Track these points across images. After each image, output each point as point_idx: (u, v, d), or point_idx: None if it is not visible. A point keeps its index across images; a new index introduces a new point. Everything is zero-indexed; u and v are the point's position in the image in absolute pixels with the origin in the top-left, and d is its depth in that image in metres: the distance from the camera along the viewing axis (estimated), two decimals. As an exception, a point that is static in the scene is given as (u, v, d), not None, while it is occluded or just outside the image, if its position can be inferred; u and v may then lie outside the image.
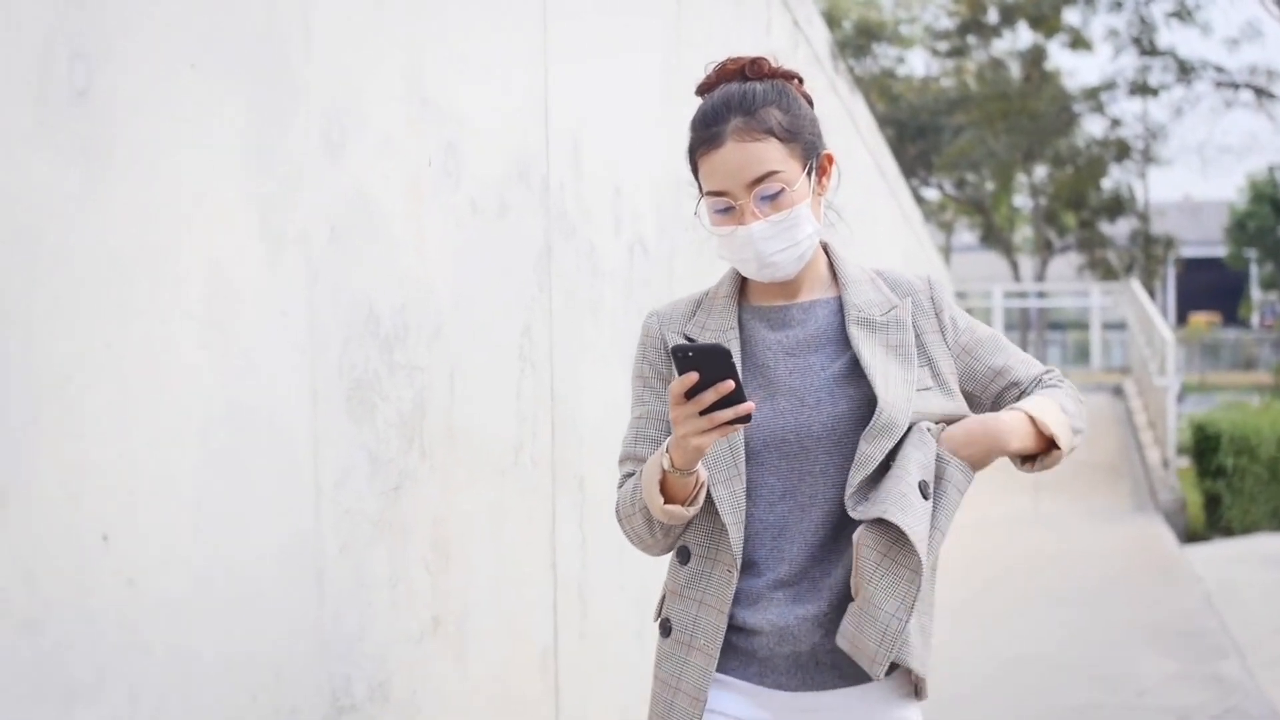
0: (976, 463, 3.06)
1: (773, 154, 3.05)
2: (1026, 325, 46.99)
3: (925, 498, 2.97)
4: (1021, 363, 3.28)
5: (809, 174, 3.11)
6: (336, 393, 3.12)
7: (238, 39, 2.76)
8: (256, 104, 2.82)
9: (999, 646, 10.50)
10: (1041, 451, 3.13)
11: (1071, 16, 44.85)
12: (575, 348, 4.56)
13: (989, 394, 3.25)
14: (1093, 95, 45.72)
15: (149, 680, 2.49)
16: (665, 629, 3.17)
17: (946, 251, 49.69)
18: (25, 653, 2.20)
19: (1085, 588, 13.25)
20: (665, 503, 2.99)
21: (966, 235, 59.72)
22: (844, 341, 3.14)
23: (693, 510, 3.01)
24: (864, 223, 14.07)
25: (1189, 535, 18.66)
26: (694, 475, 2.96)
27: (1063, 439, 3.10)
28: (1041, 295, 45.43)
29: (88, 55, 2.33)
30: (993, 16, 46.92)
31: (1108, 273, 46.65)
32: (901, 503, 2.92)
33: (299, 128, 2.97)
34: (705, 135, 3.09)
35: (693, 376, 2.76)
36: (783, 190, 3.04)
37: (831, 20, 46.02)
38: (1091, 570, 14.28)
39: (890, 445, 3.00)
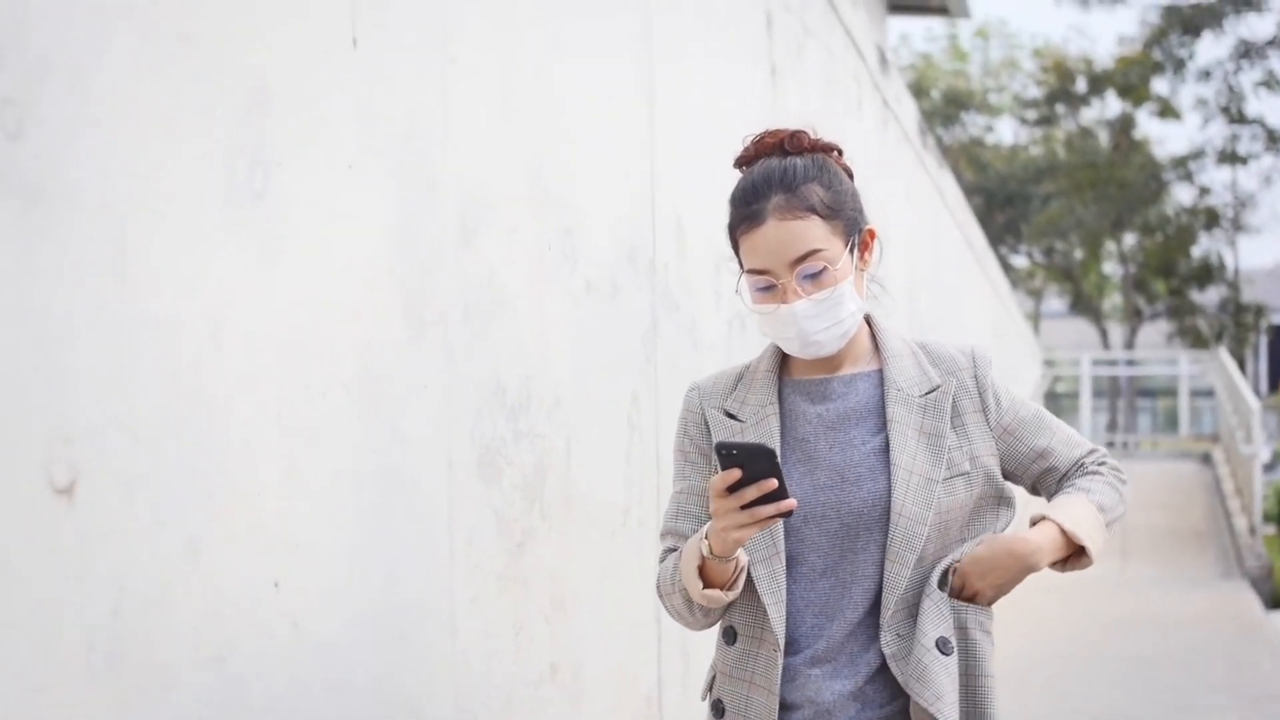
0: (1004, 587, 3.04)
1: (815, 232, 2.98)
2: (1116, 393, 46.85)
3: (946, 653, 2.96)
4: (1064, 443, 3.22)
5: (851, 250, 3.04)
6: (469, 459, 3.44)
7: (386, 142, 3.10)
8: (402, 198, 3.16)
9: (1085, 705, 10.70)
10: (1073, 555, 3.10)
11: (1160, 86, 44.75)
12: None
13: (1029, 475, 3.20)
14: (1181, 164, 45.52)
15: (310, 712, 2.81)
16: (718, 710, 3.12)
17: (1035, 319, 49.65)
18: (213, 682, 2.52)
19: (1170, 651, 13.41)
20: (704, 587, 2.95)
21: (1055, 302, 59.49)
22: (885, 416, 3.08)
23: (732, 595, 2.96)
24: (953, 297, 14.33)
25: (1274, 601, 18.73)
26: (733, 561, 2.93)
27: (1095, 547, 3.07)
28: (1131, 363, 45.34)
29: (265, 162, 2.67)
30: (1081, 85, 46.90)
31: (1198, 340, 46.34)
32: (922, 674, 2.93)
33: (438, 218, 3.30)
34: (746, 213, 3.02)
35: (735, 473, 2.76)
36: (825, 269, 2.98)
37: (920, 90, 46.22)
38: (1177, 634, 14.42)
39: (914, 557, 2.97)
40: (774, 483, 2.76)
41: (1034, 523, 3.08)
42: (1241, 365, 42.60)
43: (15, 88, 2.08)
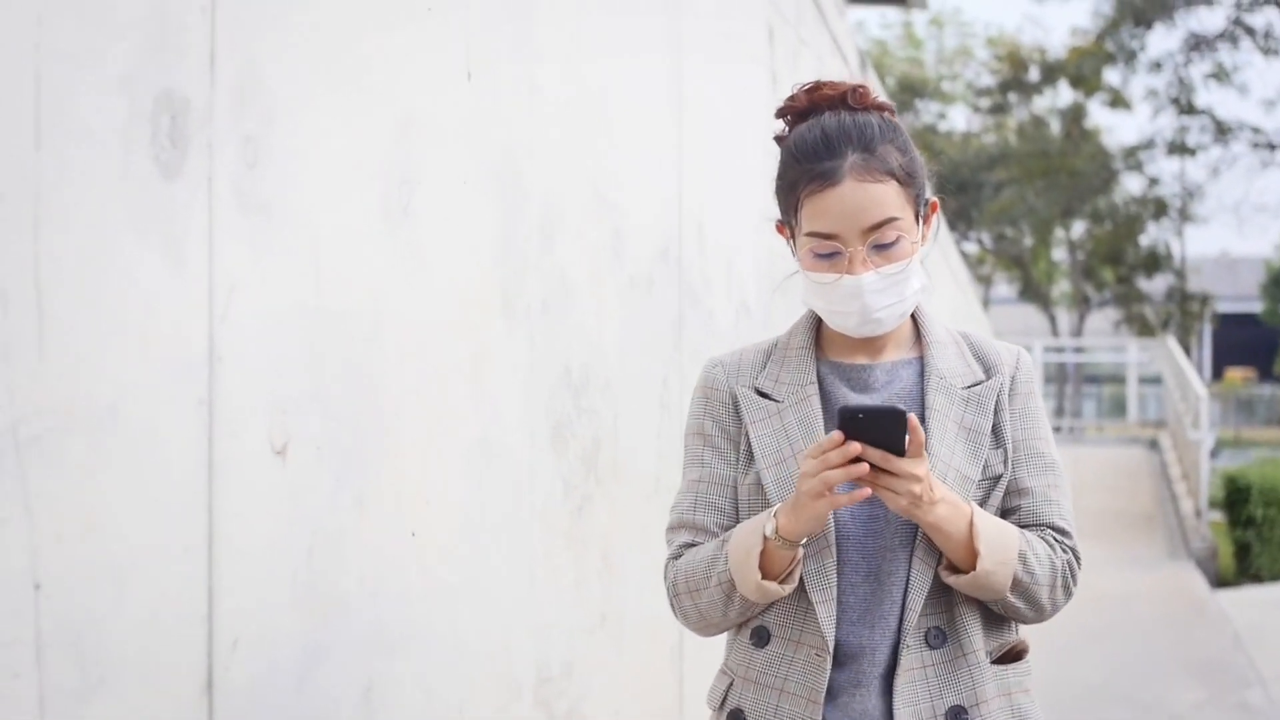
0: (909, 510, 2.66)
1: (892, 198, 2.73)
2: (1064, 379, 47.46)
3: (932, 647, 2.78)
4: (1045, 501, 2.85)
5: (918, 222, 2.82)
6: (544, 431, 3.97)
7: (490, 159, 3.62)
8: (501, 208, 3.68)
9: (1047, 677, 11.26)
10: (957, 568, 2.76)
11: (1111, 76, 45.28)
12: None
13: (995, 499, 2.85)
14: (1131, 154, 45.96)
15: (433, 643, 3.34)
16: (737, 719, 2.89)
17: (985, 304, 50.23)
18: (367, 614, 3.05)
19: (1123, 627, 14.04)
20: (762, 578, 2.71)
21: (1005, 288, 60.11)
22: (924, 405, 2.84)
23: (788, 588, 2.73)
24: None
25: (1220, 581, 19.34)
26: (796, 549, 2.71)
27: (983, 565, 2.70)
28: (1079, 350, 45.95)
29: (409, 181, 3.19)
30: (1034, 75, 47.41)
31: (1144, 328, 46.94)
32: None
33: (525, 225, 3.82)
34: (818, 170, 2.75)
35: (855, 447, 2.56)
36: (899, 239, 2.74)
37: (876, 76, 46.65)
38: (1129, 612, 15.05)
39: (934, 562, 2.77)
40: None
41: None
42: (1186, 353, 43.22)
43: (256, 126, 2.60)
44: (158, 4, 2.35)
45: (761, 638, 2.84)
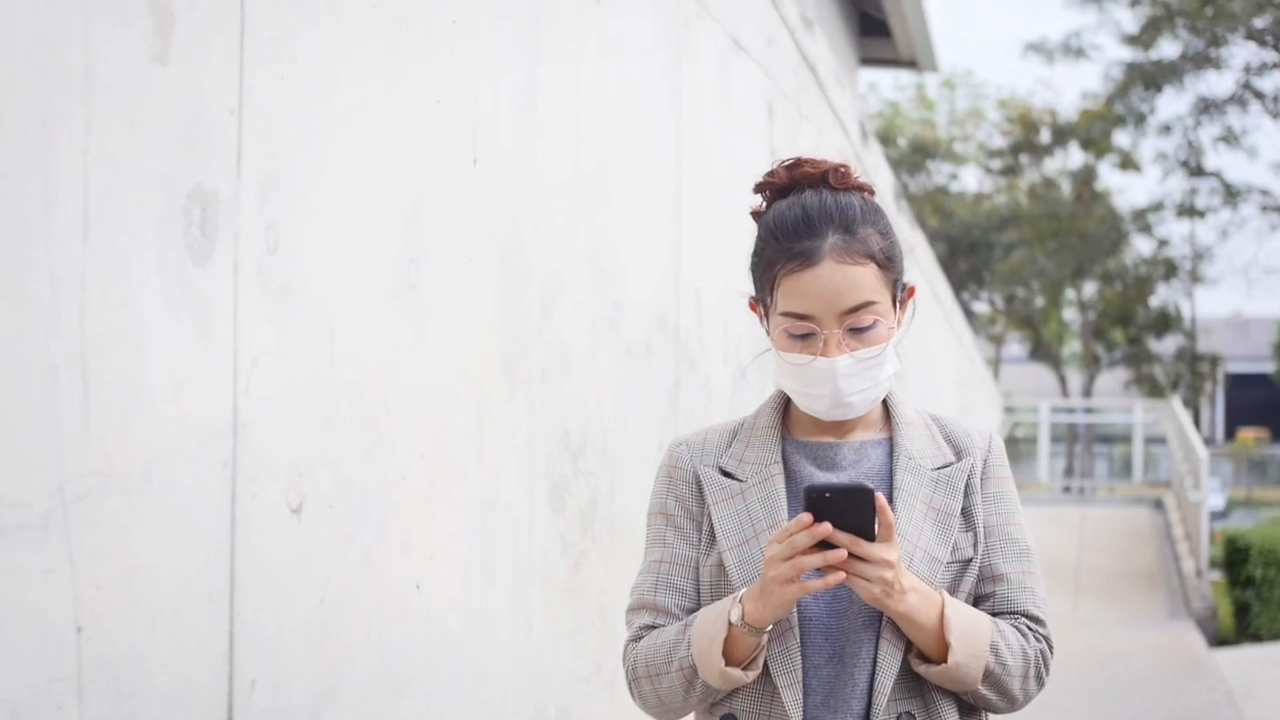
0: (880, 600, 2.60)
1: (871, 282, 2.69)
2: (1074, 439, 47.48)
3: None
4: (1020, 588, 2.80)
5: (895, 306, 2.79)
6: (543, 491, 4.22)
7: (492, 240, 3.88)
8: (503, 284, 3.94)
9: (1042, 733, 11.51)
10: (929, 656, 2.71)
11: (1122, 139, 45.37)
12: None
13: (965, 584, 2.80)
14: (1141, 216, 45.95)
15: (435, 688, 3.59)
16: None
17: (996, 364, 50.37)
18: (373, 659, 3.30)
19: (1121, 683, 14.24)
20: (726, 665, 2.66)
21: (1016, 348, 60.23)
22: (893, 488, 2.78)
23: (752, 674, 2.68)
24: (921, 346, 15.11)
25: (1219, 640, 19.54)
26: (761, 635, 2.65)
27: (955, 658, 2.66)
28: (1088, 410, 46.01)
29: (418, 260, 3.46)
30: (1045, 136, 47.61)
31: (1154, 388, 46.97)
32: None
33: (527, 297, 4.08)
34: (797, 249, 2.70)
35: (825, 528, 2.50)
36: (875, 323, 2.71)
37: (887, 138, 46.93)
38: (1127, 669, 15.23)
39: (903, 644, 2.71)
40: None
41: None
42: (1197, 413, 43.35)
43: (277, 216, 2.87)
44: (191, 108, 2.62)
45: None
